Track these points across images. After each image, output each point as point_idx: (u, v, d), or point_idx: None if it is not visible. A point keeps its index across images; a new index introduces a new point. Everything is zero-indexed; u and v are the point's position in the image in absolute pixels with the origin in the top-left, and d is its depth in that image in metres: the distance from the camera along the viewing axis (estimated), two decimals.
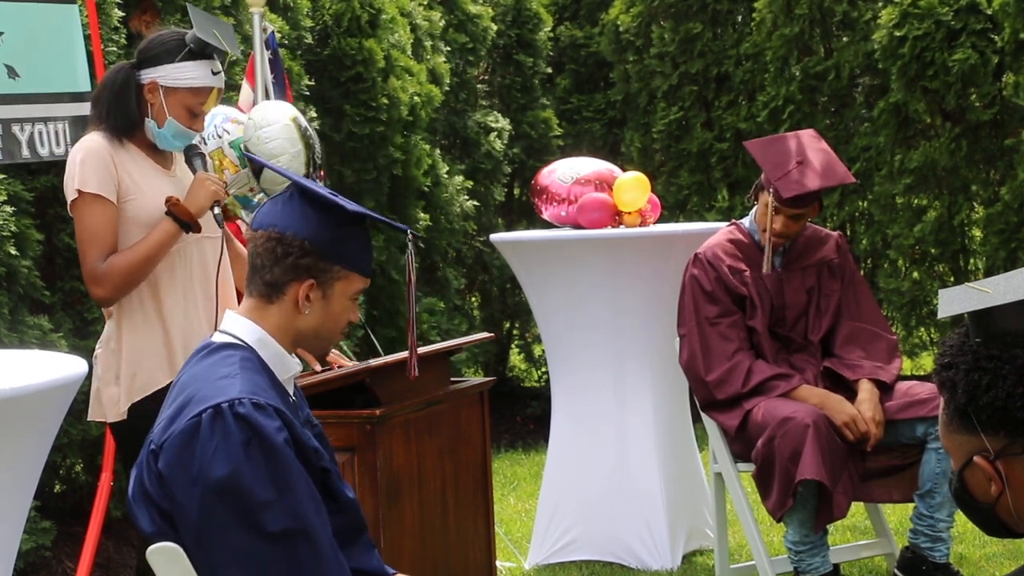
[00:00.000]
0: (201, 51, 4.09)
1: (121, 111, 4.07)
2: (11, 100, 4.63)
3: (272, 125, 4.53)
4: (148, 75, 4.08)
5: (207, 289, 4.10)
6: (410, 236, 2.99)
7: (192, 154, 4.16)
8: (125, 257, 4.01)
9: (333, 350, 4.22)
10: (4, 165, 5.05)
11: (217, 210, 4.08)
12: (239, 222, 4.86)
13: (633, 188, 5.75)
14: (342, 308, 2.86)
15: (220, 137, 4.74)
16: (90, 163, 4.02)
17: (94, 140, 4.08)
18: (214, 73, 4.12)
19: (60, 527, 5.50)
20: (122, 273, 4.00)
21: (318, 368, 4.42)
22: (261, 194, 4.69)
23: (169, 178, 4.14)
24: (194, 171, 4.14)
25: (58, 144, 4.76)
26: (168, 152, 4.19)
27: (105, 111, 4.09)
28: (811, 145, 5.02)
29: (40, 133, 4.70)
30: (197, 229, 4.07)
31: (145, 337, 4.06)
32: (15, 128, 4.62)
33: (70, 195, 4.05)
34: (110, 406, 4.06)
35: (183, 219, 4.02)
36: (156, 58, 4.08)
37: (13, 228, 5.19)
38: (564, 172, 5.89)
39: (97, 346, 4.17)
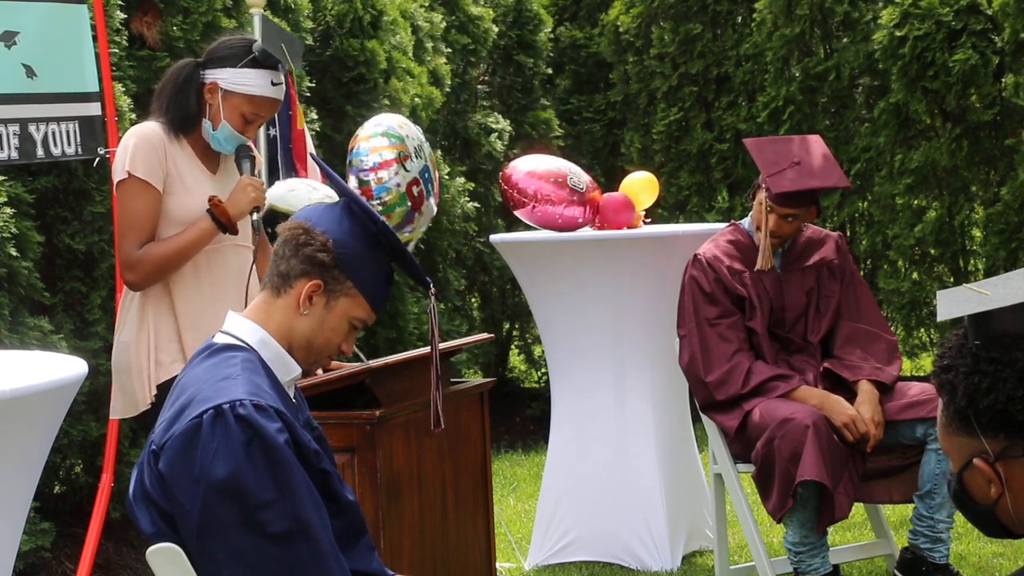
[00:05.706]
0: (264, 61, 4.12)
1: (180, 106, 4.13)
2: (27, 100, 4.63)
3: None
4: (211, 75, 4.13)
5: (239, 297, 4.08)
6: (432, 291, 2.99)
7: (242, 156, 4.18)
8: (160, 248, 4.08)
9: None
10: (6, 166, 5.05)
11: (256, 216, 4.11)
12: None
13: (643, 189, 5.76)
14: (339, 325, 2.85)
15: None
16: (142, 149, 4.07)
17: (150, 127, 4.13)
18: (273, 84, 4.14)
19: (60, 528, 5.50)
20: (155, 263, 4.07)
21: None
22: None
23: (212, 183, 4.18)
24: (241, 173, 4.17)
25: (69, 144, 4.77)
26: (217, 156, 4.22)
27: (165, 104, 4.15)
28: (811, 148, 5.02)
29: (53, 133, 4.71)
30: (234, 231, 4.12)
31: (160, 331, 4.10)
32: (31, 128, 4.62)
33: (118, 175, 4.11)
34: (141, 396, 4.09)
35: (221, 220, 4.08)
36: (221, 60, 4.13)
37: (13, 229, 5.19)
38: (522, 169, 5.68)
39: (115, 348, 4.20)
